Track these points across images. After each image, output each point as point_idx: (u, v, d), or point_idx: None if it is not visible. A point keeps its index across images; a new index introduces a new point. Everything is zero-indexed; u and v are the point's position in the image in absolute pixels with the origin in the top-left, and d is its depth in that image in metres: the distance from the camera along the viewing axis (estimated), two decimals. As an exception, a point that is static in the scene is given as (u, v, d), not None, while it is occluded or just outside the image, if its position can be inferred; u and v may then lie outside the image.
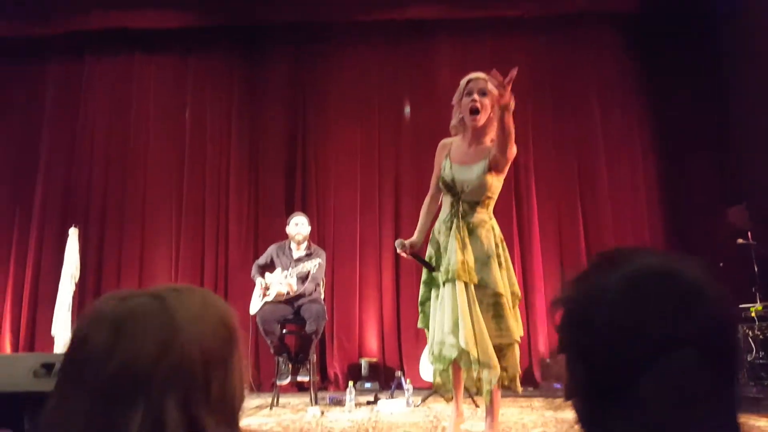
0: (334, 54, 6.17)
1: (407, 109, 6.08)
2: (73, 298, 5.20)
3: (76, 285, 5.27)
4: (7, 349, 5.65)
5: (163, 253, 5.88)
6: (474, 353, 2.56)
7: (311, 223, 4.92)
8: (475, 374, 2.60)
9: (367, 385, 5.19)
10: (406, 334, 5.46)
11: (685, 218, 5.64)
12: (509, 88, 2.39)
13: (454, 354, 2.61)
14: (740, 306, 4.60)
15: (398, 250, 2.94)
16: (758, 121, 5.24)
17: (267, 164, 5.99)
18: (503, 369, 2.65)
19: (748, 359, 4.42)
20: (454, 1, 5.84)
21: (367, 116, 6.05)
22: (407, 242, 2.93)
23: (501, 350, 2.67)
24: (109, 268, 5.81)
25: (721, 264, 4.86)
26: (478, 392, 2.67)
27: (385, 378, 5.34)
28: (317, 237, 5.58)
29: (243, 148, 6.04)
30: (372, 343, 5.58)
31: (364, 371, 5.31)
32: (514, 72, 2.36)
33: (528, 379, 5.29)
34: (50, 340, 5.09)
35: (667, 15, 5.82)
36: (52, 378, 2.69)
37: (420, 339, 5.06)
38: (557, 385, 5.16)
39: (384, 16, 5.97)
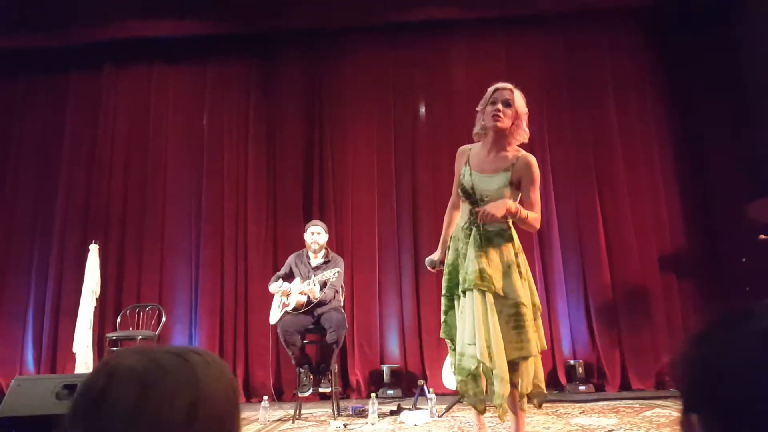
0: (348, 57, 6.16)
1: (422, 109, 6.05)
2: (95, 314, 5.24)
3: (97, 300, 5.31)
4: (30, 364, 5.71)
5: (183, 262, 5.89)
6: (488, 364, 2.52)
7: (329, 228, 4.90)
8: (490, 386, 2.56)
9: (390, 392, 5.15)
10: (427, 338, 5.41)
11: (707, 213, 5.55)
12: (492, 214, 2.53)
13: (473, 365, 2.57)
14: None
15: (429, 269, 3.01)
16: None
17: (284, 169, 5.98)
18: (513, 384, 2.57)
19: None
20: (467, 2, 5.78)
21: (383, 118, 6.02)
22: (436, 259, 2.95)
23: (516, 364, 2.59)
24: (130, 280, 5.84)
25: (744, 260, 4.79)
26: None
27: (407, 384, 5.31)
28: (335, 242, 5.56)
29: (260, 153, 6.04)
30: (393, 348, 5.55)
31: (386, 378, 5.28)
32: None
33: (553, 382, 5.23)
34: (72, 355, 5.12)
35: (681, 5, 5.73)
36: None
37: (441, 343, 5.00)
38: (582, 388, 5.10)
39: (396, 18, 5.94)
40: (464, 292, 2.66)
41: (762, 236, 4.60)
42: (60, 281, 5.88)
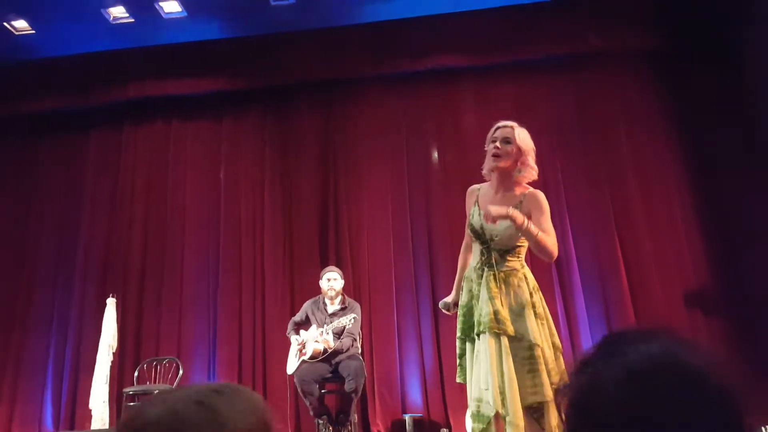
0: (360, 106, 6.25)
1: (435, 155, 6.08)
2: (111, 368, 5.20)
3: (114, 355, 5.28)
4: (48, 422, 5.64)
5: (202, 314, 5.86)
6: (501, 411, 2.43)
7: (346, 275, 4.86)
8: None
9: (412, 443, 5.00)
10: (449, 385, 5.26)
11: (730, 246, 5.40)
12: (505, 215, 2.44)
13: (492, 412, 2.46)
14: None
15: (444, 311, 2.94)
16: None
17: (300, 218, 6.00)
18: (542, 430, 2.49)
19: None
20: (475, 50, 5.88)
21: (396, 164, 6.05)
22: (450, 302, 2.88)
23: (538, 409, 2.49)
24: (148, 334, 5.81)
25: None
26: None
27: (430, 434, 5.15)
28: (353, 288, 5.51)
29: (276, 203, 6.08)
30: (415, 396, 5.41)
31: (408, 428, 5.12)
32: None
33: None
34: (89, 412, 5.05)
35: (689, 47, 5.76)
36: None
37: (464, 390, 4.86)
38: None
39: (409, 67, 6.07)
40: (479, 335, 2.59)
41: None
42: (80, 338, 5.86)
